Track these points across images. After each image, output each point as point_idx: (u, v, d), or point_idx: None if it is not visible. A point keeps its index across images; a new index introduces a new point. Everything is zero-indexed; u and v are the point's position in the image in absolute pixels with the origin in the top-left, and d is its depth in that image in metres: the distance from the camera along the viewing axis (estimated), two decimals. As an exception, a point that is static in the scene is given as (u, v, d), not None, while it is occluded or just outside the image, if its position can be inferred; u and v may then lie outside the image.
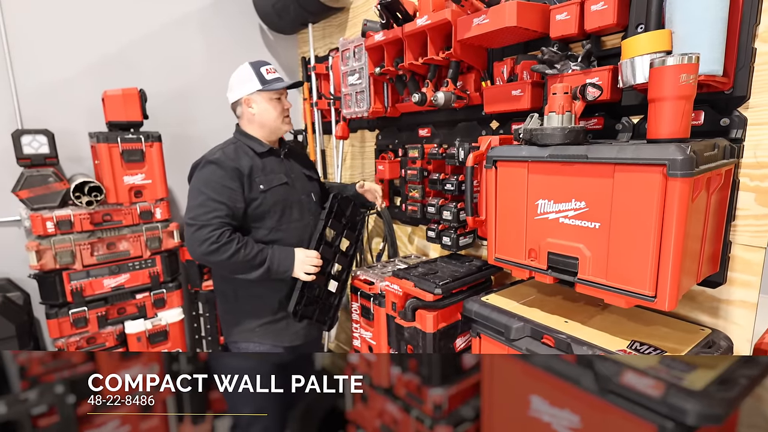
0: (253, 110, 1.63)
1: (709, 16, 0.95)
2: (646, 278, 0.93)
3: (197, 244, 1.48)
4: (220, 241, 1.47)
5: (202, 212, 1.49)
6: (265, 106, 1.63)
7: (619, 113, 1.29)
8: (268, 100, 1.63)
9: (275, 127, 1.66)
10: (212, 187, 1.51)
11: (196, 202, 1.52)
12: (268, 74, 1.63)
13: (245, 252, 1.50)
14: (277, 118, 1.65)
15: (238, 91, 1.63)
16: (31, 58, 2.19)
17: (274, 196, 1.61)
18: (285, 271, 1.57)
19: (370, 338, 1.77)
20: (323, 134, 2.77)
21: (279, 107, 1.65)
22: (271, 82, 1.63)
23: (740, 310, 1.13)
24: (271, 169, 1.65)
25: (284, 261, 1.57)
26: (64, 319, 2.10)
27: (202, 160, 1.57)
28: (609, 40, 1.31)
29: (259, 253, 1.53)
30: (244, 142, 1.64)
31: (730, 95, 1.07)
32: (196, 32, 2.65)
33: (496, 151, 1.22)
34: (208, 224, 1.48)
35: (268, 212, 1.60)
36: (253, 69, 1.62)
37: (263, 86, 1.61)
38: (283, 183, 1.65)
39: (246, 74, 1.62)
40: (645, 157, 0.89)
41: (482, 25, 1.34)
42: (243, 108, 1.64)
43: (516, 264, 1.21)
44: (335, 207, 1.72)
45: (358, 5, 2.37)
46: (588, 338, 1.08)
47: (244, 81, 1.62)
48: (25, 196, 2.02)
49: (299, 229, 1.68)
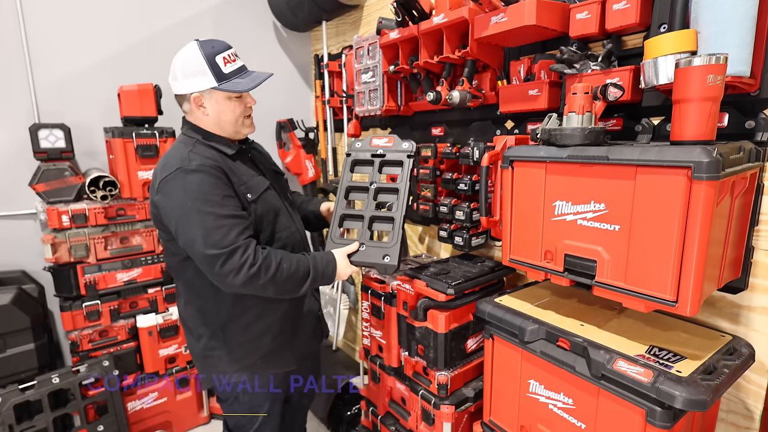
0: (206, 110, 1.32)
1: (737, 14, 0.93)
2: (668, 282, 0.91)
3: (233, 275, 1.18)
4: (257, 260, 1.20)
5: (220, 236, 1.18)
6: (221, 107, 1.31)
7: (639, 114, 1.27)
8: (225, 100, 1.31)
9: (233, 131, 1.37)
10: (214, 201, 1.21)
11: (207, 226, 1.19)
12: (225, 65, 1.28)
13: (288, 265, 1.26)
14: (236, 120, 1.35)
15: (185, 83, 1.29)
16: (48, 53, 2.22)
17: (263, 205, 1.36)
18: (329, 278, 1.35)
19: (380, 337, 1.76)
20: (335, 132, 2.76)
21: (239, 108, 1.34)
22: (230, 77, 1.29)
23: (762, 317, 1.11)
24: (249, 174, 1.37)
25: (327, 267, 1.34)
26: (78, 312, 2.13)
27: (174, 172, 1.23)
28: (630, 40, 1.28)
29: (300, 264, 1.30)
30: (205, 143, 1.32)
31: (757, 97, 1.04)
32: (210, 28, 2.66)
33: (513, 151, 1.20)
34: (236, 247, 1.19)
35: (261, 224, 1.34)
36: (206, 57, 1.26)
37: (220, 84, 1.28)
38: (267, 188, 1.39)
39: (196, 63, 1.27)
40: (669, 159, 0.87)
41: (500, 24, 1.33)
42: (191, 105, 1.32)
43: (531, 265, 1.20)
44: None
45: (372, 3, 2.36)
46: (605, 342, 1.06)
47: (194, 73, 1.27)
48: (42, 190, 2.05)
49: (291, 237, 1.44)
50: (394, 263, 1.35)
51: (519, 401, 1.25)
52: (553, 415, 1.15)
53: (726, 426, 1.21)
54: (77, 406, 2.01)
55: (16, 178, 2.17)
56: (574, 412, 1.10)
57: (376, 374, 1.84)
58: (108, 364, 2.10)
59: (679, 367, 0.95)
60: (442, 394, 1.52)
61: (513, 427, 1.29)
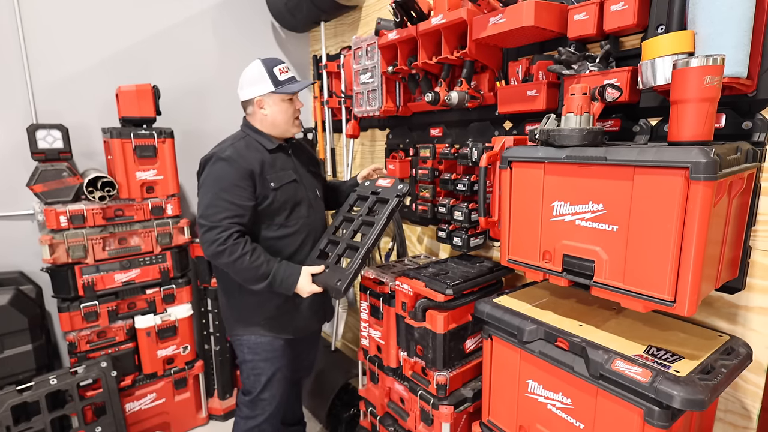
0: (266, 111, 1.61)
1: (734, 15, 0.94)
2: (666, 282, 0.91)
3: (207, 244, 1.49)
4: (227, 243, 1.46)
5: (212, 212, 1.48)
6: (278, 108, 1.61)
7: (637, 115, 1.27)
8: (281, 102, 1.61)
9: (285, 129, 1.66)
10: (223, 185, 1.50)
11: (207, 201, 1.51)
12: (281, 74, 1.60)
13: (251, 259, 1.48)
14: (289, 120, 1.64)
15: (249, 90, 1.61)
16: (46, 53, 2.21)
17: (285, 194, 1.61)
18: (288, 289, 1.55)
19: (379, 337, 1.76)
20: (333, 132, 2.77)
21: (291, 109, 1.64)
22: (285, 83, 1.60)
23: (759, 317, 1.11)
24: (281, 166, 1.64)
25: (288, 279, 1.54)
26: (76, 313, 2.12)
27: (212, 156, 1.55)
28: (628, 41, 1.29)
29: (265, 265, 1.51)
30: (253, 137, 1.62)
31: (754, 98, 1.05)
32: (208, 29, 2.66)
33: (512, 152, 1.20)
34: (217, 225, 1.47)
35: (279, 209, 1.60)
36: (266, 69, 1.59)
37: (276, 88, 1.58)
38: (292, 180, 1.64)
39: (258, 74, 1.59)
40: (667, 160, 0.87)
41: (499, 25, 1.33)
42: (254, 108, 1.62)
43: (530, 266, 1.20)
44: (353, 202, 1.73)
45: (370, 4, 2.36)
46: (603, 342, 1.07)
47: (257, 81, 1.59)
48: (40, 190, 2.04)
49: (307, 226, 1.68)
50: (341, 288, 1.49)
51: (518, 401, 1.25)
52: (551, 415, 1.16)
53: (724, 425, 1.21)
54: (75, 407, 2.00)
55: (13, 179, 2.17)
56: (572, 412, 1.10)
57: (374, 375, 1.84)
58: (106, 365, 2.09)
59: (677, 367, 0.95)
60: (441, 395, 1.52)
61: (512, 427, 1.29)
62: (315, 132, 2.85)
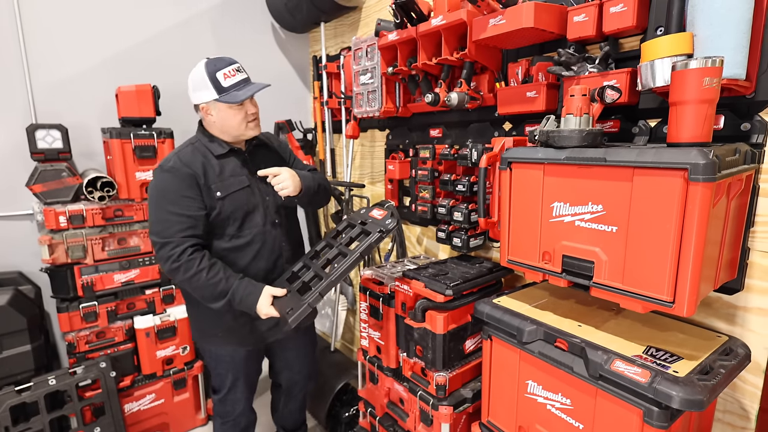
0: (213, 118, 1.52)
1: (733, 17, 0.94)
2: (665, 283, 0.91)
3: (162, 261, 1.43)
4: (181, 259, 1.40)
5: (162, 228, 1.42)
6: (225, 115, 1.50)
7: (636, 116, 1.27)
8: (227, 109, 1.49)
9: (239, 134, 1.55)
10: (169, 198, 1.42)
11: (155, 217, 1.44)
12: (225, 80, 1.46)
13: (207, 275, 1.41)
14: (239, 125, 1.53)
15: (194, 95, 1.52)
16: (46, 53, 2.22)
17: (234, 202, 1.52)
18: (249, 308, 1.47)
19: (379, 338, 1.76)
20: (333, 133, 2.77)
21: (241, 114, 1.51)
22: (230, 89, 1.47)
23: (758, 318, 1.12)
24: (231, 173, 1.54)
25: (247, 298, 1.46)
26: (75, 313, 2.12)
27: (156, 169, 1.49)
28: (627, 43, 1.29)
29: (224, 282, 1.44)
30: (203, 142, 1.55)
31: (752, 99, 1.05)
32: (208, 29, 2.66)
33: (511, 153, 1.21)
34: (170, 240, 1.41)
35: (228, 219, 1.51)
36: (208, 74, 1.46)
37: (220, 96, 1.47)
38: (243, 187, 1.54)
39: (200, 79, 1.47)
40: (666, 161, 0.88)
41: (498, 26, 1.34)
42: (202, 113, 1.54)
43: (529, 266, 1.20)
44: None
45: (370, 4, 2.37)
46: (602, 342, 1.07)
47: (199, 87, 1.48)
48: (39, 191, 2.04)
49: (262, 236, 1.59)
50: (287, 320, 1.39)
51: (517, 402, 1.26)
52: (551, 415, 1.16)
53: (722, 426, 1.22)
54: (74, 407, 2.00)
55: (13, 179, 2.17)
56: (572, 412, 1.11)
57: (374, 375, 1.84)
58: (105, 366, 2.09)
59: (676, 368, 0.96)
60: (441, 395, 1.52)
61: (511, 427, 1.29)
62: (315, 132, 2.85)
